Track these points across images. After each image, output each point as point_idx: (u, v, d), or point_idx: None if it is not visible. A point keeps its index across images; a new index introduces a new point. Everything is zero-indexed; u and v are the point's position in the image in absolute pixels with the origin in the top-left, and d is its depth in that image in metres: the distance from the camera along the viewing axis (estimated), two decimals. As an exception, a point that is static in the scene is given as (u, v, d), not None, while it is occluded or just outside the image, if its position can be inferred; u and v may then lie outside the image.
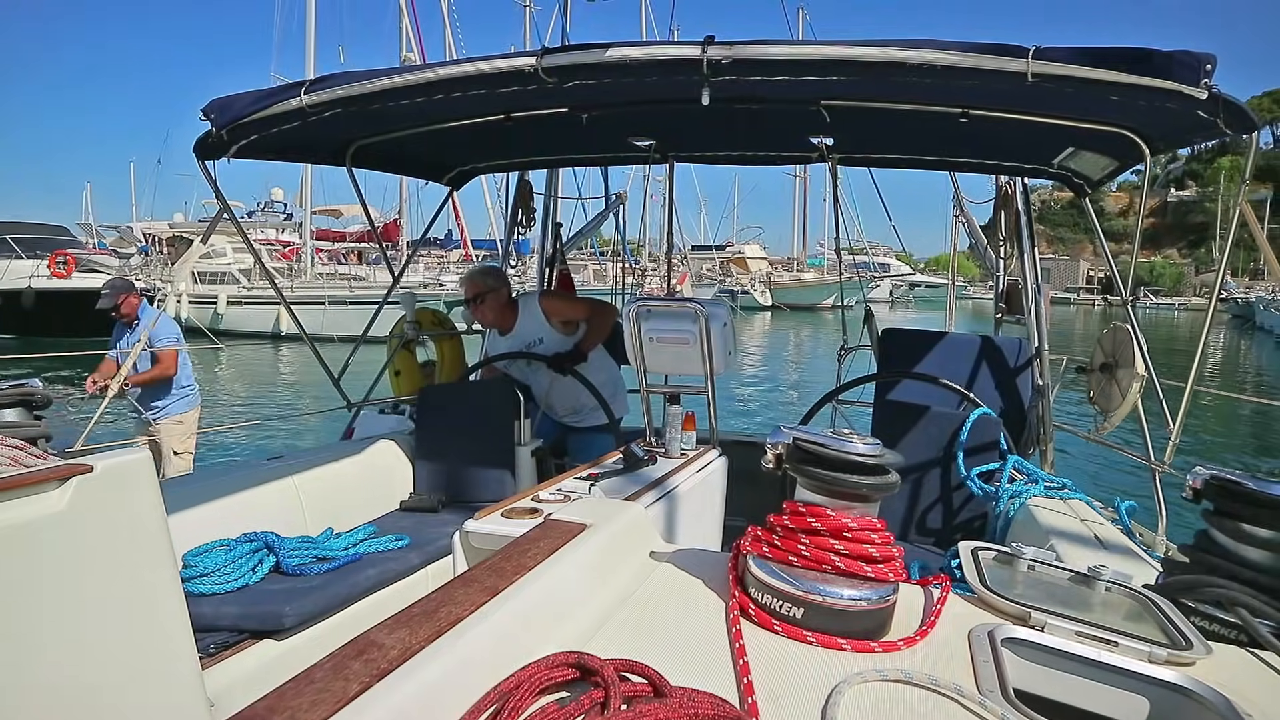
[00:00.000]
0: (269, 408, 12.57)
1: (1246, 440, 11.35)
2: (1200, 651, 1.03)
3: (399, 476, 3.39)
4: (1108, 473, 7.41)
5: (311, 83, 2.50)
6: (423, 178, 4.41)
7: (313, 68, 24.30)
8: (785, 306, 37.12)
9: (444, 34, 24.15)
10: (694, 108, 2.23)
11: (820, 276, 46.67)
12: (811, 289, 41.02)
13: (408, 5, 23.50)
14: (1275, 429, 12.01)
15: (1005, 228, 4.09)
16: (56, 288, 19.54)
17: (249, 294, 22.34)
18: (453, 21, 24.13)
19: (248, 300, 22.22)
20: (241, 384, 15.12)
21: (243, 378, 16.00)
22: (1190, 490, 1.32)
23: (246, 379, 15.86)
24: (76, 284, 19.72)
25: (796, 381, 15.54)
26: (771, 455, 1.17)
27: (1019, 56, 1.89)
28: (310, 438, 8.63)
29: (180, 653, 1.49)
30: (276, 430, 9.46)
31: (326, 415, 4.29)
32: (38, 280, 19.44)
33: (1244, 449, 10.78)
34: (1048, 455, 3.38)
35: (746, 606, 1.12)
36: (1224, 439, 11.08)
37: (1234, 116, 1.93)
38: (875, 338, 4.05)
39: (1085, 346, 3.82)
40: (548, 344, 3.58)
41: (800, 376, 16.60)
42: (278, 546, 2.43)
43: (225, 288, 22.22)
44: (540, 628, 1.02)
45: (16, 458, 1.40)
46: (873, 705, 0.90)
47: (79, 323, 18.36)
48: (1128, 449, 3.18)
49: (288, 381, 15.59)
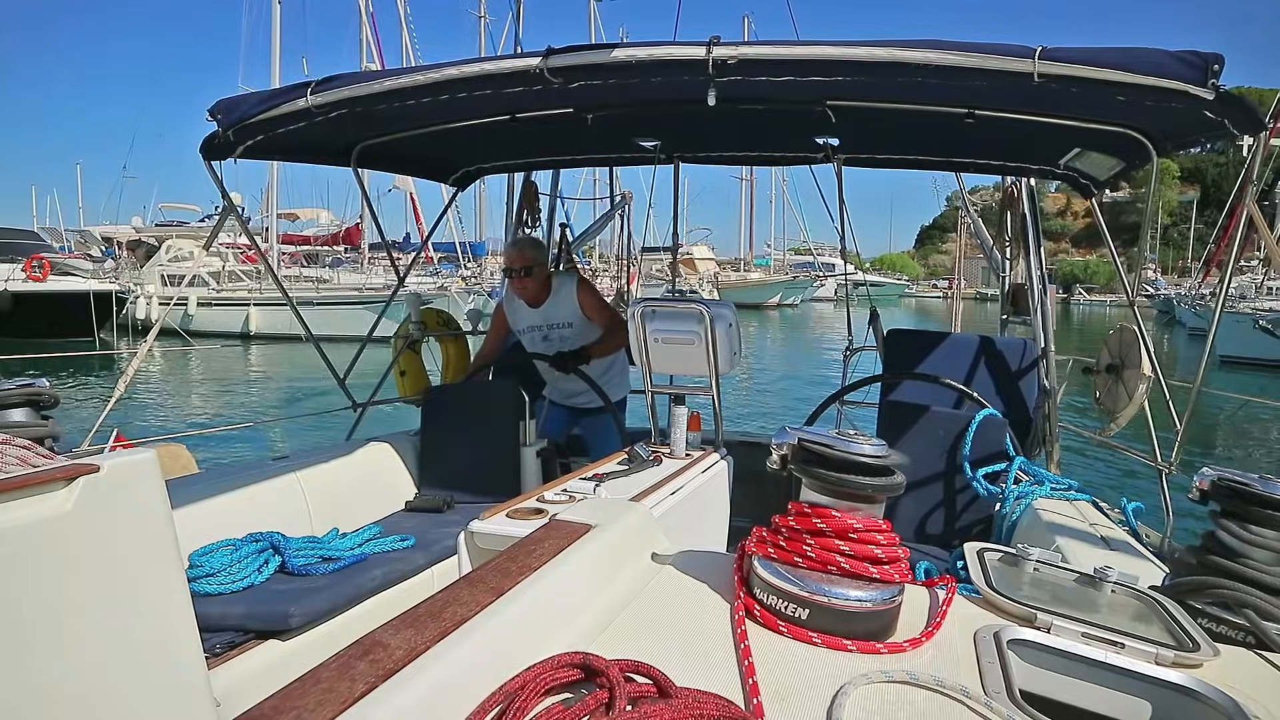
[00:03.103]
0: (266, 407, 12.66)
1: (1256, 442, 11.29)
2: (1207, 653, 1.03)
3: (404, 477, 3.40)
4: (1114, 474, 7.38)
5: (318, 83, 2.50)
6: (428, 178, 4.42)
7: (278, 77, 25.05)
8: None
9: (401, 43, 24.85)
10: (699, 108, 2.23)
11: (766, 277, 47.37)
12: (757, 289, 41.52)
13: (368, 17, 24.27)
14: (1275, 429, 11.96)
15: (1011, 229, 4.08)
16: (33, 291, 19.89)
17: (218, 296, 22.78)
18: (410, 32, 24.85)
19: (217, 302, 22.67)
20: (222, 383, 15.38)
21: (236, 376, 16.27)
22: (1197, 491, 1.32)
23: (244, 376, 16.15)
24: (52, 287, 20.19)
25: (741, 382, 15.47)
26: (777, 456, 1.17)
27: (1025, 57, 1.88)
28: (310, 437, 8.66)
29: (186, 652, 1.50)
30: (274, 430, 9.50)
31: (324, 415, 4.29)
32: (13, 283, 19.77)
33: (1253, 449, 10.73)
34: (1054, 456, 3.37)
35: (752, 607, 1.12)
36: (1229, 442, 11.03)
37: (1241, 116, 1.92)
38: (881, 338, 4.04)
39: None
40: (576, 329, 3.59)
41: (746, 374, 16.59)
42: (283, 546, 2.43)
43: (195, 290, 22.64)
44: (545, 628, 1.02)
45: (24, 457, 1.41)
46: (878, 706, 0.90)
47: (57, 325, 18.77)
48: (1134, 450, 3.16)
49: (269, 378, 15.83)
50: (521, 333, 3.72)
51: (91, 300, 19.31)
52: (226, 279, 23.63)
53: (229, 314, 22.38)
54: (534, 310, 3.65)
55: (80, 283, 20.68)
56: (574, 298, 3.60)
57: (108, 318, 20.04)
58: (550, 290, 3.63)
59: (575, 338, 3.60)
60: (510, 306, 3.76)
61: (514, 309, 3.73)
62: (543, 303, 3.63)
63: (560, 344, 3.62)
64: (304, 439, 8.54)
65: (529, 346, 3.70)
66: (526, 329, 3.70)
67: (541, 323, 3.64)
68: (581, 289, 3.65)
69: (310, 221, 32.13)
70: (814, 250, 54.89)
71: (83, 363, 15.94)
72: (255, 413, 12.02)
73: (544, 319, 3.64)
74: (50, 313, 19.19)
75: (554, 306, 3.62)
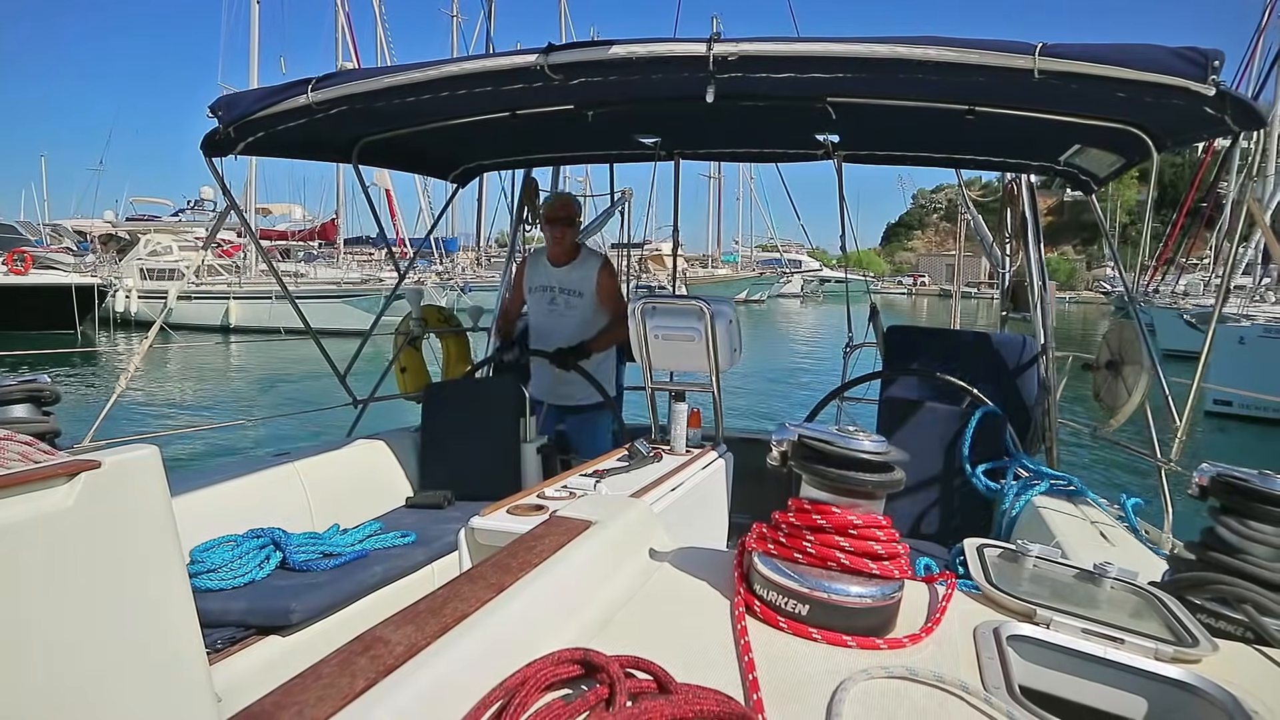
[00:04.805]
0: (256, 403, 12.65)
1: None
2: (1207, 649, 1.03)
3: (405, 473, 3.40)
4: (1113, 470, 7.38)
5: (318, 80, 2.50)
6: (429, 174, 4.42)
7: (256, 77, 25.46)
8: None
9: (376, 42, 24.93)
10: (699, 105, 2.23)
11: (733, 273, 47.71)
12: (724, 284, 41.66)
13: (345, 17, 24.51)
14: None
15: (1011, 226, 4.08)
16: (14, 284, 20.11)
17: (197, 289, 22.97)
18: (385, 31, 24.90)
19: (196, 295, 22.80)
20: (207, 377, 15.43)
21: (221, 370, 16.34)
22: (1197, 487, 1.32)
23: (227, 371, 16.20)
24: (35, 280, 20.49)
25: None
26: (777, 452, 1.17)
27: (1025, 53, 1.88)
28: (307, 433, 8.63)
29: (188, 648, 1.50)
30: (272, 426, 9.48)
31: (323, 410, 4.29)
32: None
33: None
34: (1053, 452, 3.37)
35: (752, 603, 1.12)
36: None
37: (1241, 113, 1.91)
38: (881, 334, 4.05)
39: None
40: (585, 303, 3.64)
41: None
42: (284, 542, 2.44)
43: (174, 283, 22.74)
44: (546, 624, 1.02)
45: (26, 453, 1.41)
46: (878, 702, 0.91)
47: (40, 318, 18.87)
48: (1134, 446, 3.17)
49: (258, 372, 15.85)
50: (531, 290, 3.76)
51: (74, 294, 19.47)
52: (206, 273, 23.85)
53: (209, 307, 22.52)
54: (554, 270, 3.69)
55: (62, 276, 20.92)
56: (595, 274, 3.65)
57: (89, 311, 20.30)
58: (576, 257, 3.69)
59: (579, 311, 3.63)
60: (533, 261, 3.82)
61: (536, 264, 3.78)
62: (564, 265, 3.68)
63: (565, 310, 3.65)
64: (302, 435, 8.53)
65: (532, 309, 3.74)
66: (539, 288, 3.73)
67: (555, 285, 3.68)
68: (605, 269, 3.72)
69: (283, 217, 32.47)
70: (780, 247, 55.10)
71: (65, 356, 15.98)
72: (247, 408, 12.01)
73: (559, 281, 3.67)
74: (33, 305, 19.45)
75: (574, 273, 3.67)
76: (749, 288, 43.12)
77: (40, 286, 20.30)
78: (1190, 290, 21.67)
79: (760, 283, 44.84)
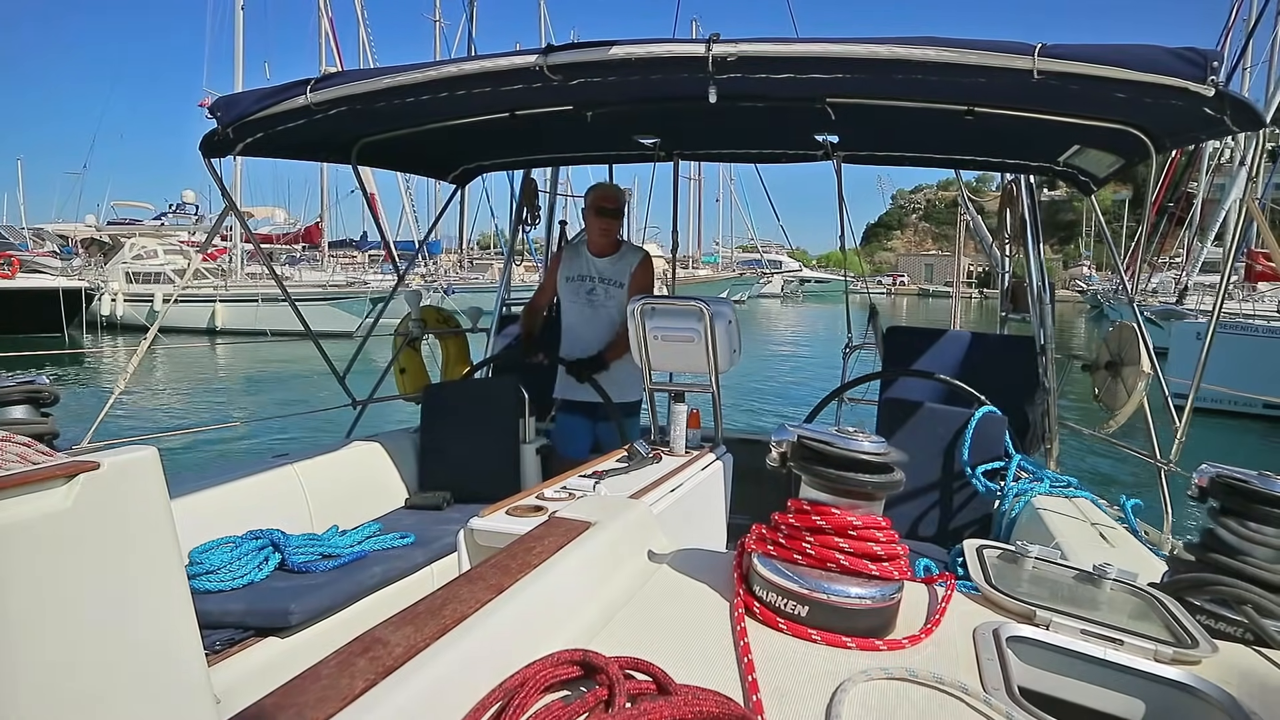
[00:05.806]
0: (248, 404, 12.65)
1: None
2: (1206, 650, 1.03)
3: (404, 474, 3.40)
4: (1113, 471, 7.38)
5: (317, 80, 2.50)
6: (428, 175, 4.42)
7: (241, 81, 25.46)
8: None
9: (358, 45, 25.00)
10: (698, 106, 2.22)
11: (714, 274, 47.85)
12: (705, 285, 41.78)
13: (329, 22, 24.61)
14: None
15: (1010, 226, 4.08)
16: (2, 288, 20.24)
17: (183, 292, 23.01)
18: (368, 35, 24.94)
19: (182, 298, 22.84)
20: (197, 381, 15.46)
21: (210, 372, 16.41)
22: (1196, 488, 1.32)
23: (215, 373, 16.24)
24: (22, 284, 20.64)
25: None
26: (776, 453, 1.17)
27: (1024, 53, 1.88)
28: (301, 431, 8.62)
29: (186, 650, 1.50)
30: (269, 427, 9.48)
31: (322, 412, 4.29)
32: None
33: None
34: (1053, 453, 3.37)
35: (751, 604, 1.12)
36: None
37: (1240, 114, 1.91)
38: (880, 335, 4.05)
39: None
40: (623, 295, 3.63)
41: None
42: (283, 544, 2.44)
43: (160, 287, 22.80)
44: (545, 625, 1.02)
45: (24, 454, 1.41)
46: (877, 703, 0.90)
47: (28, 321, 18.94)
48: (1133, 447, 3.17)
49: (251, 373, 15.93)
50: (568, 279, 3.75)
51: (61, 297, 19.52)
52: (191, 276, 23.91)
53: (194, 310, 22.56)
54: (595, 260, 3.70)
55: (49, 280, 21.01)
56: (634, 268, 3.67)
57: (76, 314, 20.42)
58: (618, 250, 3.73)
59: (619, 300, 3.64)
60: (571, 251, 3.84)
61: (575, 253, 3.79)
62: (608, 256, 3.70)
63: (605, 300, 3.66)
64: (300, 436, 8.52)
65: (567, 298, 3.74)
66: (576, 276, 3.73)
67: (595, 274, 3.69)
68: (645, 265, 3.75)
69: (266, 220, 32.47)
70: (760, 248, 55.13)
71: (53, 359, 16.05)
72: (241, 410, 11.99)
73: (599, 271, 3.69)
74: (21, 309, 19.56)
75: (615, 264, 3.69)
76: (729, 288, 43.27)
77: (27, 290, 20.38)
78: (1160, 289, 21.71)
79: (740, 283, 44.96)
